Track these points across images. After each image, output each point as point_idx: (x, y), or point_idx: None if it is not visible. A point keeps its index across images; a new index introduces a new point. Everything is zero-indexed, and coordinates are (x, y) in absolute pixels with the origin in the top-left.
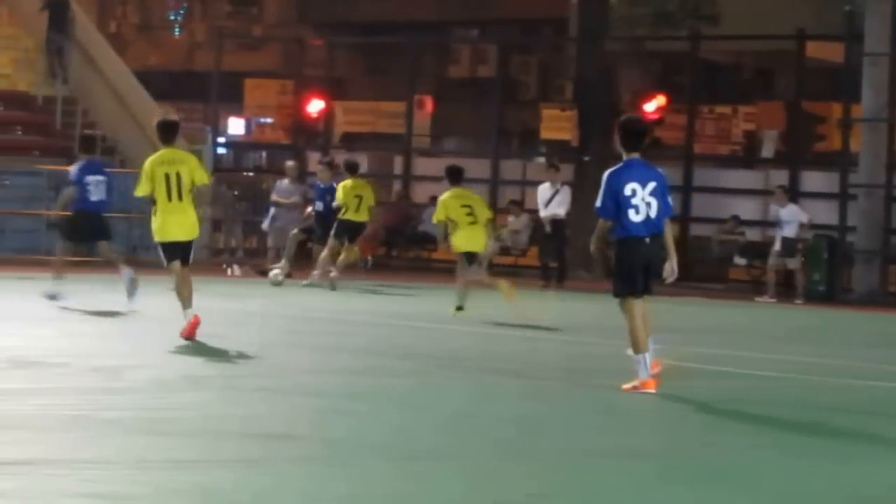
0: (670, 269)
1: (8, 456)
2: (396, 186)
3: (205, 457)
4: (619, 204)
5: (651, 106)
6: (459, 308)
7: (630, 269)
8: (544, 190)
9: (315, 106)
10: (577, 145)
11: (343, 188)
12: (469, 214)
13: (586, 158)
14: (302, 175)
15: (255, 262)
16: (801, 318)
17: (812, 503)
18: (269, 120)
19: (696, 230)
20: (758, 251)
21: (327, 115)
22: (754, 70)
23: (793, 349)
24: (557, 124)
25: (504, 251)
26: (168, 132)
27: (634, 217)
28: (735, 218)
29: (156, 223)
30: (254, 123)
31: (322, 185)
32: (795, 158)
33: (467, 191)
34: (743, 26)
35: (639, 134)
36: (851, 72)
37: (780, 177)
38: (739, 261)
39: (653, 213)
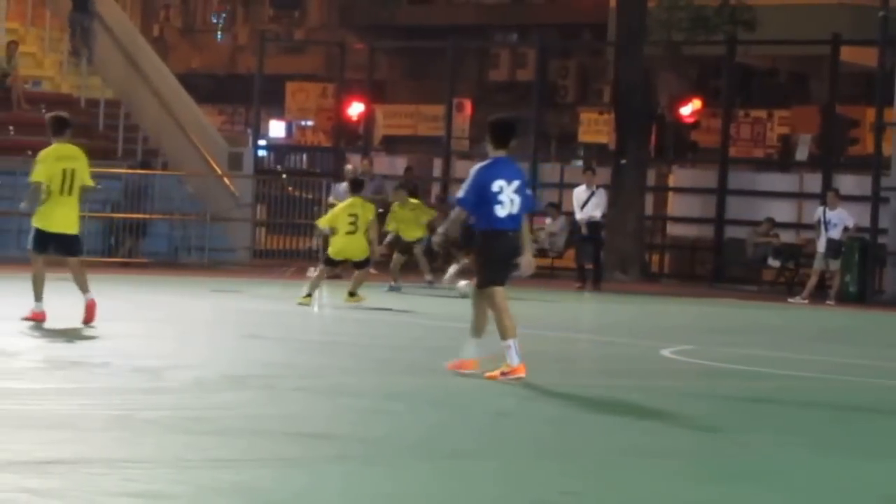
0: (527, 262)
1: (49, 455)
2: (436, 189)
3: (244, 456)
4: (484, 199)
5: (687, 109)
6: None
7: (498, 261)
8: (580, 192)
9: (355, 109)
10: (614, 149)
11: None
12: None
13: (623, 161)
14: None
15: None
16: (834, 319)
17: (843, 502)
18: (310, 123)
19: (731, 232)
20: (791, 253)
21: (368, 118)
22: (789, 74)
23: (825, 349)
24: (595, 128)
25: (541, 253)
26: (60, 127)
27: (501, 212)
28: (769, 220)
29: (42, 211)
30: (295, 126)
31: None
32: (829, 162)
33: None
34: (779, 31)
35: (506, 133)
36: (885, 76)
37: (814, 180)
38: (773, 262)
39: (515, 209)
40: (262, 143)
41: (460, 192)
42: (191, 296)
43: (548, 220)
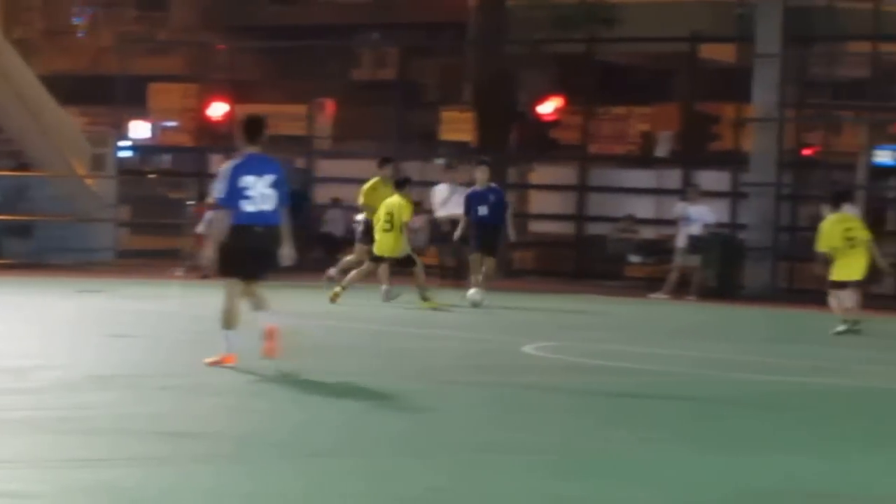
0: (287, 253)
1: None
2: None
3: (110, 455)
4: (235, 194)
5: (548, 107)
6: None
7: (238, 254)
8: (441, 190)
9: (218, 109)
10: (475, 146)
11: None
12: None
13: (485, 160)
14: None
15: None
16: (695, 315)
17: (704, 495)
18: (174, 123)
19: (593, 229)
20: (652, 249)
21: (231, 118)
22: (650, 72)
23: (687, 345)
24: (457, 126)
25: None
26: None
27: (248, 207)
28: (630, 216)
29: None
30: (159, 127)
31: (480, 189)
32: (689, 158)
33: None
34: (638, 29)
35: (257, 129)
36: (743, 73)
37: (674, 176)
38: (634, 258)
39: (268, 205)
40: (126, 143)
41: (217, 192)
42: (56, 296)
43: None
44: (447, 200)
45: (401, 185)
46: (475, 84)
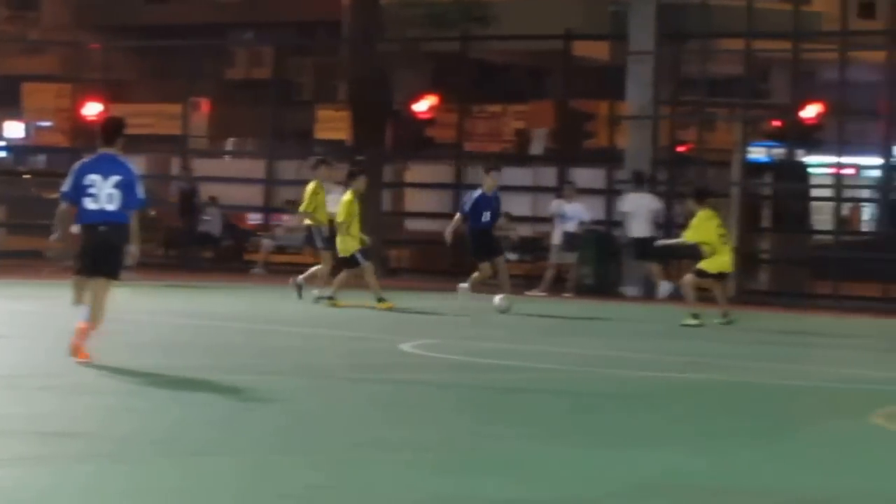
0: (131, 253)
1: None
2: (174, 187)
3: None
4: (80, 192)
5: (423, 105)
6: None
7: (83, 251)
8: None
9: (93, 109)
10: (351, 145)
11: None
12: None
13: (360, 158)
14: None
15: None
16: (572, 311)
17: (585, 490)
18: (48, 123)
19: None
20: (528, 246)
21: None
22: (525, 70)
23: (565, 341)
24: (332, 125)
25: (280, 249)
26: None
27: (91, 205)
28: (506, 214)
29: None
30: (33, 127)
31: (489, 195)
32: (565, 156)
33: None
34: (513, 27)
35: (113, 131)
36: (617, 70)
37: (549, 174)
38: (511, 256)
39: (113, 205)
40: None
41: (62, 185)
42: None
43: (286, 217)
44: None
45: (351, 176)
46: (350, 82)
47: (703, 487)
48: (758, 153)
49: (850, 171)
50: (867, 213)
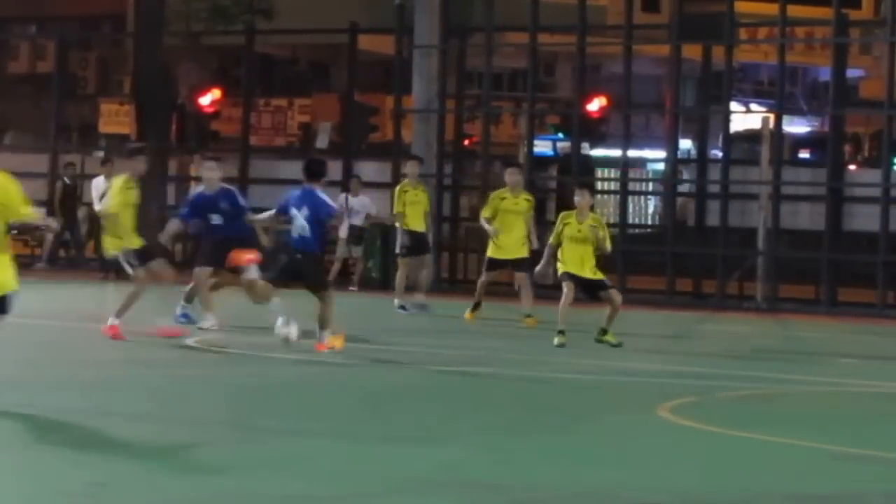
0: None
1: None
2: None
3: None
4: None
5: (207, 99)
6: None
7: None
8: (100, 183)
9: None
10: (135, 139)
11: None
12: None
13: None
14: None
15: None
16: (358, 305)
17: (363, 486)
18: None
19: None
20: None
21: None
22: (310, 63)
23: (351, 336)
24: (116, 119)
25: (64, 244)
26: None
27: None
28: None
29: None
30: None
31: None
32: (350, 149)
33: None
34: (298, 20)
35: None
36: (402, 64)
37: (335, 168)
38: None
39: None
40: None
41: None
42: None
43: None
44: (104, 194)
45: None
46: (133, 76)
47: (481, 483)
48: (543, 147)
49: (635, 163)
50: (651, 206)
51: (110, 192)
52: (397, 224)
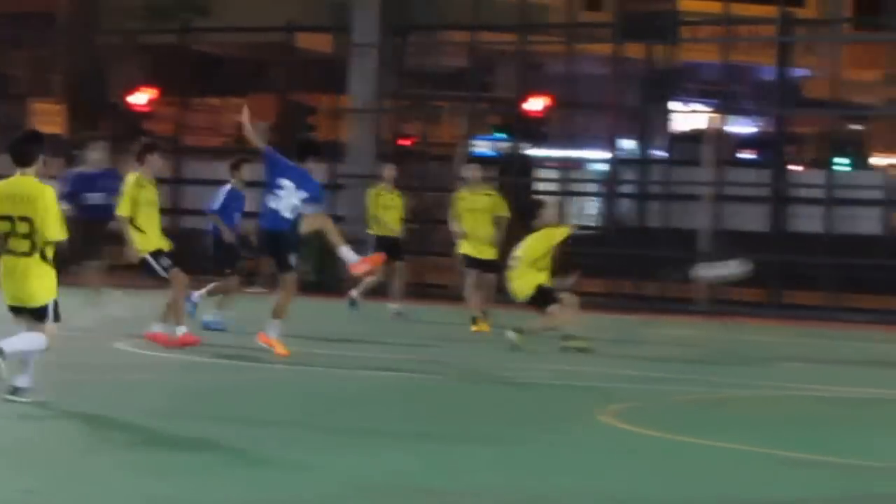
0: None
1: None
2: None
3: None
4: None
5: (141, 98)
6: None
7: None
8: None
9: None
10: (67, 139)
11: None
12: None
13: (76, 152)
14: None
15: None
16: (294, 308)
17: (302, 492)
18: None
19: (188, 222)
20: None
21: None
22: (245, 62)
23: (287, 340)
24: (49, 118)
25: None
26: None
27: None
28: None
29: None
30: None
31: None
32: (286, 150)
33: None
34: (234, 18)
35: None
36: (339, 63)
37: None
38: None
39: None
40: None
41: None
42: None
43: None
44: None
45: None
46: (65, 75)
47: (420, 488)
48: (483, 147)
49: (576, 164)
50: (593, 207)
51: (121, 193)
52: (369, 230)
